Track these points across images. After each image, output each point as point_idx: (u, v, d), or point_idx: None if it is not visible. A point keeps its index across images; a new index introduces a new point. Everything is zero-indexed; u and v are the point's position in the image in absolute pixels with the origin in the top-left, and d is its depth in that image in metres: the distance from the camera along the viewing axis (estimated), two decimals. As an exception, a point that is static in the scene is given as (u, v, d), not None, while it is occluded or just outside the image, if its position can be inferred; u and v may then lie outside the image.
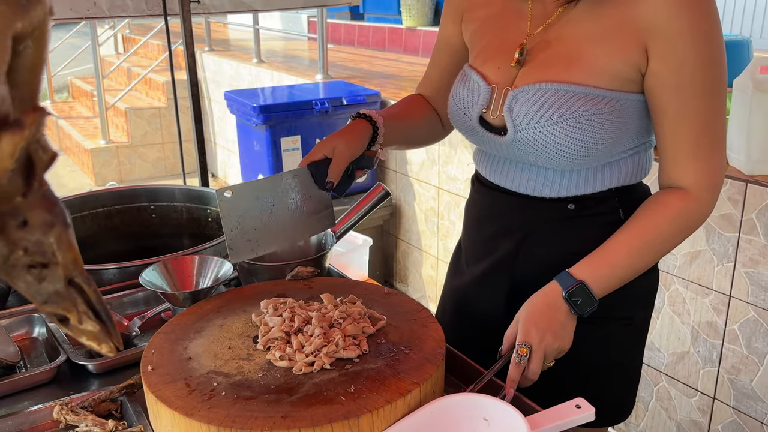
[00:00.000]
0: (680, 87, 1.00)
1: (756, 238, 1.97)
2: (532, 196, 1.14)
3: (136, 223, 1.85)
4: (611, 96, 1.02)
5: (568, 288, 1.02)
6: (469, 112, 1.13)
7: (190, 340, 1.02)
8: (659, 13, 0.97)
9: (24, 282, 0.45)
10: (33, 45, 0.41)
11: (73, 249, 0.45)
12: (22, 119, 0.36)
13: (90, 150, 5.71)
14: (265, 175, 3.50)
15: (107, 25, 7.92)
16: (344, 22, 6.38)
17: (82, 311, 0.47)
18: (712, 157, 1.03)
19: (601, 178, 1.11)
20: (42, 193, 0.43)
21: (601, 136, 1.03)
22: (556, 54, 1.05)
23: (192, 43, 2.48)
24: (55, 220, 0.44)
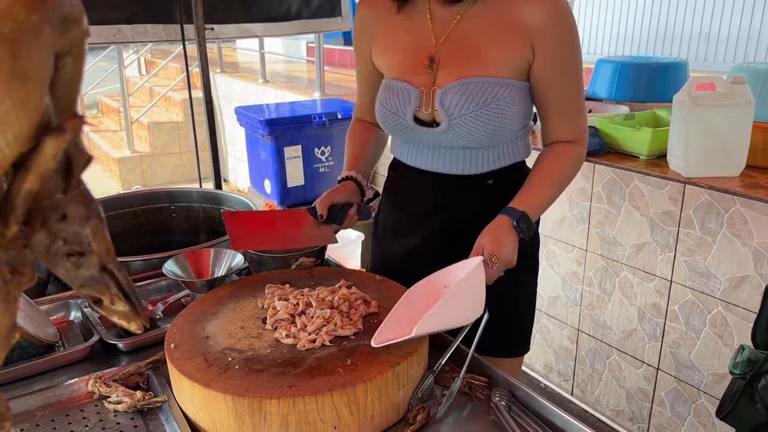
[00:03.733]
0: (559, 69, 1.14)
1: (693, 231, 1.99)
2: (458, 174, 1.22)
3: (158, 221, 1.84)
4: (515, 84, 1.14)
5: (517, 218, 1.12)
6: (403, 114, 1.19)
7: (207, 321, 1.01)
8: (540, 19, 1.10)
9: (63, 268, 0.44)
10: (71, 61, 0.40)
11: (107, 239, 0.45)
12: (64, 125, 0.36)
13: (117, 159, 5.66)
14: (271, 181, 3.48)
15: (132, 50, 7.85)
16: (338, 47, 6.37)
17: (114, 293, 0.47)
18: (582, 116, 1.20)
19: (509, 153, 1.22)
20: (79, 191, 0.43)
21: (516, 114, 1.15)
22: (465, 55, 1.15)
23: (207, 65, 2.47)
24: (91, 214, 0.44)
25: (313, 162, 3.48)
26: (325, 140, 3.46)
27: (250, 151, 3.71)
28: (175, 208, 1.85)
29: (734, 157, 1.98)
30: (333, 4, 3.06)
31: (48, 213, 0.42)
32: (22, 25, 0.34)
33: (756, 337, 1.50)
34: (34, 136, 0.35)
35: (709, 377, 2.03)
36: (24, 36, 0.34)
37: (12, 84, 0.34)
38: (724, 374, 1.97)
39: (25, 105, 0.34)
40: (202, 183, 2.90)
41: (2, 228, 0.38)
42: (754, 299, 1.85)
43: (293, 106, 3.74)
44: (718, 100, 1.92)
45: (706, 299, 1.99)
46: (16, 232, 0.39)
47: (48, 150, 0.35)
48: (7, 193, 0.37)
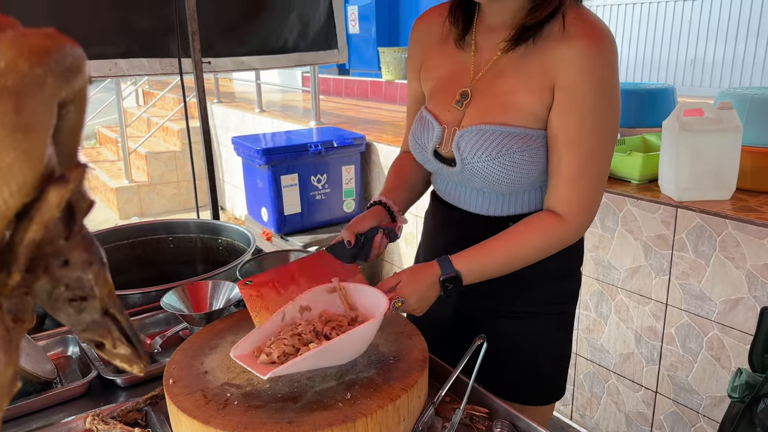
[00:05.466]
0: (567, 126, 1.02)
1: (686, 254, 2.00)
2: (479, 214, 1.18)
3: (156, 253, 1.83)
4: (537, 134, 1.06)
5: (446, 275, 1.05)
6: (425, 147, 1.17)
7: (205, 355, 1.00)
8: (565, 64, 1.00)
9: (65, 314, 0.44)
10: (74, 109, 0.40)
11: (109, 283, 0.45)
12: (67, 175, 0.36)
13: (115, 189, 5.66)
14: (268, 209, 3.48)
15: (129, 82, 7.90)
16: (333, 76, 6.44)
17: (116, 337, 0.47)
18: (586, 189, 1.05)
19: (533, 200, 1.15)
20: (82, 236, 0.43)
21: (532, 167, 1.07)
22: (493, 99, 1.09)
23: (204, 98, 2.49)
24: (93, 259, 0.43)
25: (309, 190, 3.49)
26: (322, 168, 3.48)
27: (247, 180, 3.72)
28: (172, 239, 1.84)
29: (724, 180, 1.99)
30: (329, 37, 3.09)
31: (50, 259, 0.41)
32: (26, 77, 0.34)
33: (753, 360, 1.49)
34: (38, 186, 0.35)
35: (708, 400, 2.02)
36: (28, 88, 0.34)
37: (16, 136, 0.34)
38: (723, 397, 1.95)
39: (29, 156, 0.34)
40: (199, 212, 2.90)
41: (5, 277, 0.38)
42: (750, 321, 1.85)
43: (289, 135, 3.76)
44: (706, 125, 1.94)
45: (702, 322, 1.99)
46: (19, 281, 0.39)
47: (51, 200, 0.35)
48: (9, 243, 0.37)
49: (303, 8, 2.95)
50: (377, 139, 3.57)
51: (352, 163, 3.56)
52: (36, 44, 0.34)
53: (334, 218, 3.60)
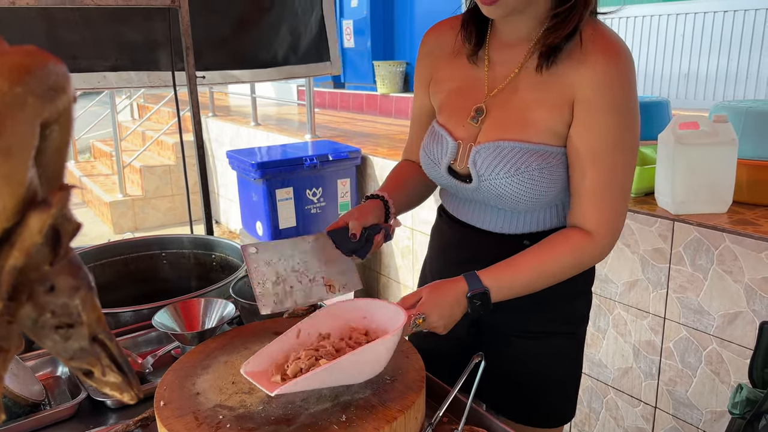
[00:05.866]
0: (590, 143, 1.01)
1: (684, 268, 1.99)
2: (493, 232, 1.15)
3: (149, 269, 1.81)
4: (556, 151, 1.04)
5: (474, 291, 1.02)
6: (438, 163, 1.14)
7: (197, 376, 0.98)
8: (584, 81, 0.99)
9: (51, 341, 0.42)
10: (59, 129, 0.39)
11: (97, 309, 0.43)
12: (49, 199, 0.34)
13: (109, 203, 5.63)
14: (262, 223, 3.47)
15: (125, 95, 7.91)
16: (328, 90, 6.45)
17: (106, 365, 0.45)
18: (612, 205, 1.03)
19: (549, 218, 1.12)
20: (68, 260, 0.42)
21: (551, 185, 1.04)
22: (510, 115, 1.06)
23: (198, 111, 2.48)
24: (80, 284, 0.42)
25: (304, 203, 3.47)
26: (317, 182, 3.47)
27: (241, 194, 3.70)
28: (166, 255, 1.82)
29: (721, 193, 1.99)
30: (321, 50, 3.10)
31: (35, 286, 0.40)
32: (6, 97, 0.33)
33: (753, 376, 1.48)
34: (19, 210, 0.34)
35: (708, 415, 2.00)
36: (7, 109, 0.33)
37: (-5, 159, 0.33)
38: (723, 412, 1.94)
39: (8, 180, 0.33)
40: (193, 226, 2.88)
41: (-15, 305, 0.36)
42: (749, 336, 1.84)
43: (284, 149, 3.75)
44: (702, 138, 1.94)
45: (701, 336, 1.98)
46: (1, 309, 0.37)
47: (33, 225, 0.34)
48: (-10, 270, 0.36)
49: (294, 21, 2.95)
50: (373, 153, 3.57)
51: (348, 176, 3.55)
52: (16, 63, 0.33)
53: (329, 232, 3.58)
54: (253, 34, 2.81)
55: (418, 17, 5.73)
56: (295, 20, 2.95)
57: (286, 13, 2.94)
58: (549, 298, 1.13)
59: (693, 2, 3.84)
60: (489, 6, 0.99)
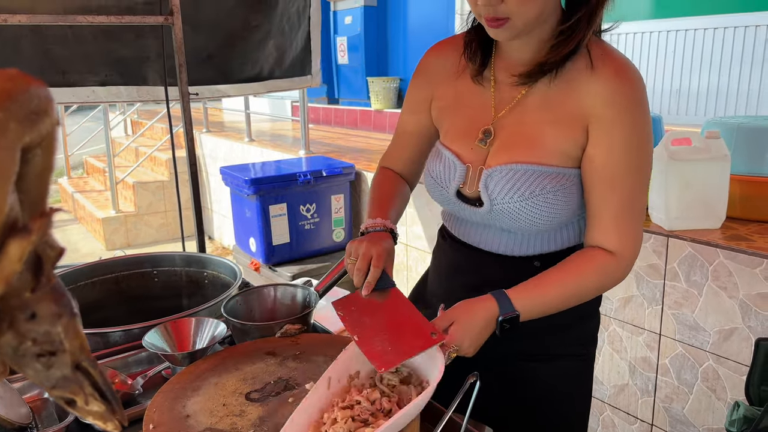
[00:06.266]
0: (609, 164, 1.00)
1: (678, 283, 1.99)
2: (502, 254, 1.13)
3: (140, 287, 1.79)
4: (569, 173, 1.03)
5: (505, 315, 0.99)
6: (446, 187, 1.11)
7: (188, 398, 0.97)
8: (598, 102, 0.99)
9: (33, 370, 0.41)
10: (42, 153, 0.38)
11: (80, 336, 0.42)
12: (30, 225, 0.33)
13: (101, 219, 5.60)
14: (256, 239, 3.45)
15: (118, 111, 7.91)
16: (322, 105, 6.47)
17: (89, 393, 0.44)
18: (632, 226, 1.02)
19: (560, 239, 1.11)
20: (50, 287, 0.40)
21: (565, 207, 1.03)
22: (520, 136, 1.05)
23: (191, 127, 2.47)
24: (63, 311, 0.41)
25: (298, 219, 3.46)
26: (311, 197, 3.46)
27: (235, 210, 3.69)
28: (157, 273, 1.80)
29: (714, 209, 2.00)
30: (304, 63, 3.12)
31: (16, 313, 0.39)
32: (-14, 123, 0.32)
33: (750, 393, 1.47)
34: (-1, 237, 0.33)
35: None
36: (-12, 135, 0.32)
37: (-26, 185, 0.32)
38: (719, 429, 1.92)
39: (-11, 207, 0.32)
40: (185, 243, 2.86)
41: (-37, 335, 0.35)
42: (744, 352, 1.83)
43: (278, 165, 3.75)
44: (694, 154, 1.95)
45: (697, 352, 1.97)
46: (-21, 338, 0.36)
47: (13, 253, 0.33)
48: (-31, 298, 0.35)
49: (281, 38, 2.97)
50: (367, 168, 3.57)
51: (342, 192, 3.55)
52: (-3, 88, 0.32)
53: (323, 248, 3.57)
54: (241, 51, 2.83)
55: (412, 34, 5.77)
56: (282, 37, 2.97)
57: (274, 30, 2.96)
58: (560, 319, 1.10)
59: (684, 19, 3.89)
60: (496, 29, 0.97)
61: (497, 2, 0.93)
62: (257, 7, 2.90)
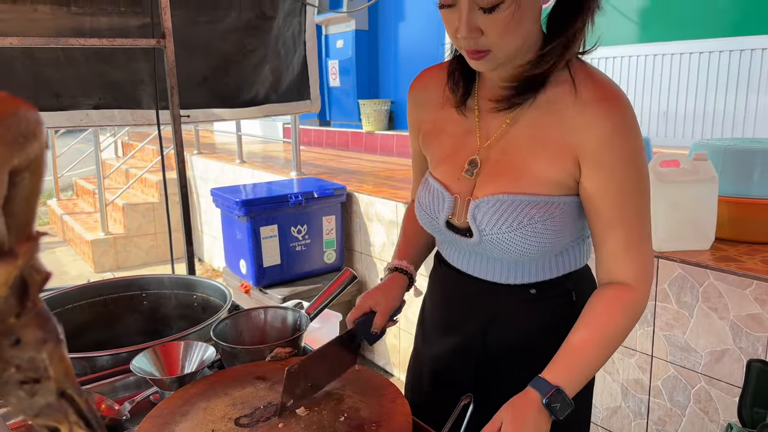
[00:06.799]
0: (609, 194, 0.98)
1: (669, 305, 1.99)
2: (497, 282, 1.11)
3: (129, 310, 1.76)
4: (557, 201, 1.01)
5: (547, 395, 0.93)
6: (436, 217, 1.10)
7: (176, 423, 0.95)
8: (589, 135, 0.96)
9: (16, 397, 0.40)
10: (29, 176, 0.38)
11: (65, 362, 0.41)
12: (16, 249, 0.33)
13: (90, 241, 5.56)
14: (246, 261, 3.43)
15: (109, 133, 7.90)
16: (314, 128, 6.50)
17: (73, 421, 0.43)
18: (644, 252, 1.00)
19: (555, 266, 1.10)
20: (35, 312, 0.40)
21: (554, 235, 1.01)
22: (506, 166, 1.03)
23: (182, 149, 2.47)
24: (48, 337, 0.40)
25: (289, 241, 3.45)
26: (302, 219, 3.46)
27: (225, 232, 3.67)
28: (146, 295, 1.78)
29: (703, 230, 2.01)
30: (301, 89, 3.14)
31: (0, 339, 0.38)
32: (-26, 146, 0.32)
33: (742, 414, 1.46)
34: (-16, 262, 0.33)
35: (698, 455, 1.97)
36: (-24, 158, 0.32)
37: (-40, 209, 0.31)
38: (713, 452, 1.91)
39: (-25, 231, 0.32)
40: (174, 265, 2.84)
41: (-56, 363, 0.34)
42: (736, 373, 1.83)
43: (269, 186, 3.75)
44: (683, 176, 1.97)
45: (689, 374, 1.96)
46: (-39, 365, 0.35)
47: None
48: (-49, 324, 0.34)
49: (276, 62, 2.99)
50: (358, 189, 3.57)
51: (333, 213, 3.54)
52: (-15, 111, 0.32)
53: (314, 269, 3.55)
54: (236, 74, 2.85)
55: (402, 57, 5.83)
56: (278, 61, 2.99)
57: (270, 54, 2.98)
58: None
59: (672, 44, 3.96)
60: (477, 60, 0.96)
61: (477, 35, 0.92)
62: (252, 32, 2.93)
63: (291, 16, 3.10)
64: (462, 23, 0.91)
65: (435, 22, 5.35)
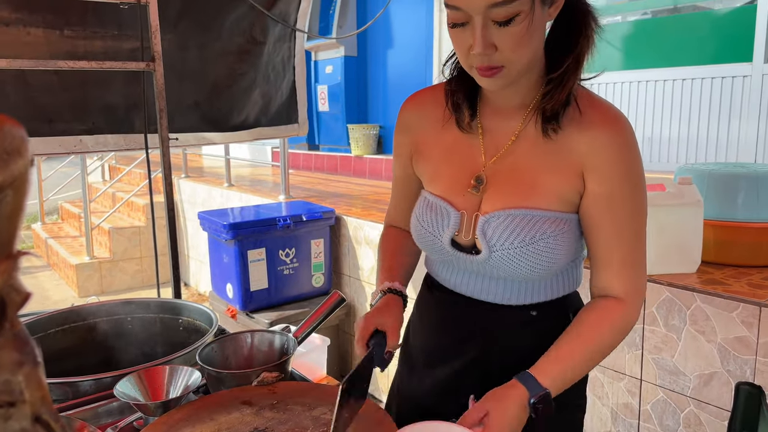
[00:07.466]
0: (610, 209, 1.00)
1: (658, 328, 1.99)
2: (498, 304, 1.10)
3: (113, 335, 1.73)
4: (566, 217, 1.02)
5: (536, 395, 0.95)
6: (439, 235, 1.09)
7: (159, 451, 0.93)
8: (592, 151, 0.98)
9: (-11, 422, 0.39)
10: (13, 194, 0.37)
11: (42, 387, 0.40)
12: (-5, 268, 0.32)
13: (75, 265, 5.49)
14: (233, 285, 3.40)
15: (95, 156, 7.87)
16: (303, 151, 6.52)
17: (49, 448, 0.41)
18: (639, 270, 1.03)
19: (556, 287, 1.10)
20: (13, 333, 0.39)
21: (564, 252, 1.02)
22: (515, 182, 1.03)
23: (170, 172, 2.47)
24: (25, 359, 0.39)
25: (277, 264, 3.43)
26: (290, 242, 3.44)
27: (212, 255, 3.65)
28: (131, 319, 1.76)
29: (690, 254, 2.03)
30: (290, 112, 3.16)
31: (-26, 361, 0.37)
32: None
33: (732, 439, 1.46)
34: (-39, 281, 0.32)
35: (689, 481, 1.96)
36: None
37: (-62, 226, 0.31)
38: (704, 477, 1.90)
39: (-47, 249, 0.31)
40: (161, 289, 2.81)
41: None
42: (725, 397, 1.83)
43: (258, 209, 3.73)
44: (668, 199, 1.99)
45: (678, 398, 1.96)
46: (-67, 388, 0.34)
47: (-25, 297, 0.32)
48: (-76, 345, 0.33)
49: (266, 87, 3.02)
50: (347, 213, 3.57)
51: (322, 236, 3.53)
52: (-33, 127, 0.31)
53: (302, 293, 3.53)
54: (226, 99, 2.86)
55: (391, 83, 5.90)
56: (267, 85, 3.01)
57: (260, 78, 3.00)
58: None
59: (656, 70, 4.04)
60: (490, 78, 0.95)
61: (492, 51, 0.92)
62: (243, 56, 2.95)
63: (281, 41, 3.13)
64: (477, 39, 0.91)
65: (423, 48, 5.43)
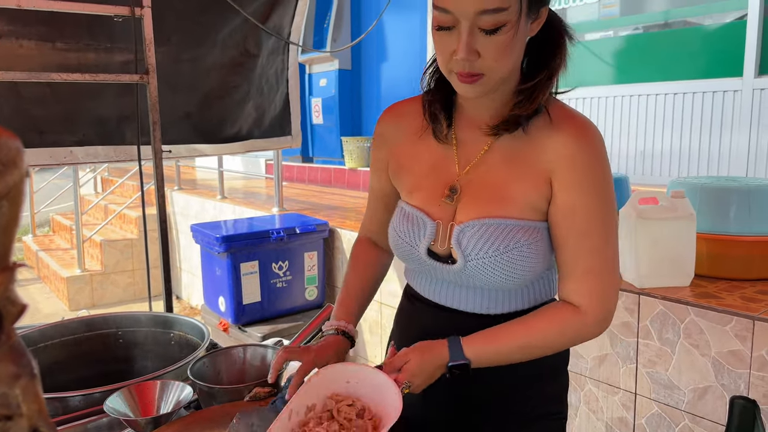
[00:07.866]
0: (576, 217, 1.00)
1: (652, 342, 2.00)
2: (477, 313, 1.11)
3: (104, 349, 1.72)
4: (539, 226, 1.03)
5: (455, 362, 1.01)
6: (416, 245, 1.09)
7: (151, 466, 0.92)
8: (560, 159, 1.00)
9: (-16, 436, 0.39)
10: (8, 204, 0.38)
11: (39, 399, 0.40)
12: (-7, 281, 0.32)
13: (66, 278, 5.45)
14: (225, 298, 3.39)
15: (88, 169, 7.85)
16: (297, 164, 6.52)
17: (43, 461, 0.41)
18: (604, 280, 1.02)
19: (532, 295, 1.11)
20: (10, 346, 0.39)
21: (538, 260, 1.03)
22: (488, 191, 1.04)
23: (163, 184, 2.46)
24: (22, 372, 0.39)
25: (270, 277, 3.42)
26: (283, 255, 3.44)
27: (204, 268, 3.63)
28: (122, 333, 1.75)
29: (683, 267, 2.04)
30: (283, 124, 3.17)
31: (-30, 374, 0.37)
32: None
33: (727, 453, 1.46)
34: (-41, 294, 0.32)
35: (685, 496, 1.95)
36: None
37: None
38: (699, 492, 1.89)
39: (-49, 262, 0.31)
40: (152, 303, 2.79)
41: None
42: (719, 410, 1.83)
43: (251, 222, 3.73)
44: (661, 213, 2.01)
45: (672, 411, 1.96)
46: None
47: (-27, 310, 0.32)
48: None
49: (259, 99, 3.03)
50: (341, 225, 3.57)
51: (315, 249, 3.53)
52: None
53: (295, 306, 3.52)
54: (219, 111, 2.87)
55: (384, 96, 5.93)
56: (261, 98, 3.02)
57: (253, 90, 3.01)
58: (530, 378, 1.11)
59: (648, 85, 4.09)
60: (469, 84, 0.97)
61: (474, 57, 0.93)
62: (236, 69, 2.96)
63: (274, 54, 3.15)
64: (462, 44, 0.92)
65: (417, 62, 5.47)
